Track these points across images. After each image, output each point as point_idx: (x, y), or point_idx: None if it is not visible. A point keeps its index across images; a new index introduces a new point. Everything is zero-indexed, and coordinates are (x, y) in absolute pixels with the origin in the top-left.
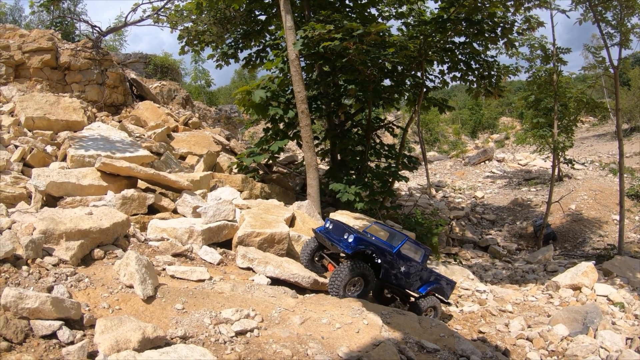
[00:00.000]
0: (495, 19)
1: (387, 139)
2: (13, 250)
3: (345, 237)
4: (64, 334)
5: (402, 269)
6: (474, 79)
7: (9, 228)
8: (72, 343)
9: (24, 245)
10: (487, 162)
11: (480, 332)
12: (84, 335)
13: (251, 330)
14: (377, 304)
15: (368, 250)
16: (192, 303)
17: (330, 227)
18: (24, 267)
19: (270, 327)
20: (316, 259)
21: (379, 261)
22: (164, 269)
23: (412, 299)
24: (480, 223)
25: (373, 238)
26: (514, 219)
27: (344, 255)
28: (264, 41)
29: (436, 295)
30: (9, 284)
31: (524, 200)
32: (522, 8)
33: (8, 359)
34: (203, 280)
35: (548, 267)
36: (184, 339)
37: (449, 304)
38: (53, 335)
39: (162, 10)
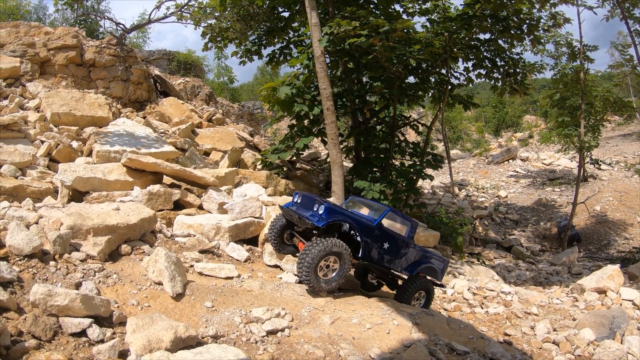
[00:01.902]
0: (521, 16)
1: (410, 136)
2: (40, 246)
3: (315, 208)
4: (94, 332)
5: (386, 245)
6: (499, 77)
7: (36, 223)
8: (102, 341)
9: (51, 240)
10: (510, 161)
11: (506, 334)
12: (114, 333)
13: (282, 330)
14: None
15: (343, 223)
16: (222, 301)
17: (299, 200)
18: (52, 263)
19: (301, 327)
20: (287, 238)
21: (358, 237)
22: (191, 266)
23: (400, 282)
24: (504, 223)
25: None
26: (538, 219)
27: (315, 231)
28: (287, 38)
29: (427, 277)
30: (36, 280)
31: (548, 201)
32: (548, 4)
33: (37, 358)
34: (231, 278)
35: (572, 270)
36: (215, 338)
37: (442, 286)
38: (82, 333)
39: (186, 7)
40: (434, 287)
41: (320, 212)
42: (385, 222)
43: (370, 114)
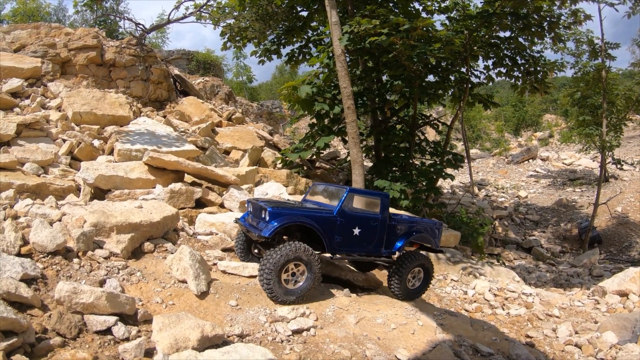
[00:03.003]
0: (542, 13)
1: (429, 135)
2: (64, 243)
3: (263, 215)
4: (119, 329)
5: (356, 231)
6: (520, 75)
7: (59, 220)
8: (127, 339)
9: (75, 237)
10: (530, 160)
11: (528, 336)
12: (139, 331)
13: (307, 329)
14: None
15: (295, 223)
16: (246, 300)
17: (251, 209)
18: (75, 260)
19: (326, 326)
20: (255, 250)
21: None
22: (214, 264)
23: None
24: (524, 223)
25: (307, 205)
26: (558, 220)
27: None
28: (306, 37)
29: (423, 244)
30: (60, 277)
31: (569, 201)
32: (569, 1)
33: (62, 355)
34: (255, 277)
35: (593, 272)
36: (241, 337)
37: (441, 251)
38: (108, 331)
39: (205, 7)
40: (435, 252)
41: (267, 218)
42: (351, 206)
43: (391, 112)
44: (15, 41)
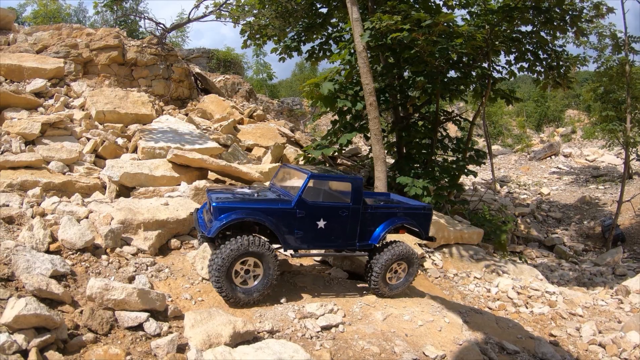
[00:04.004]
0: (564, 6)
1: (450, 131)
2: (92, 240)
3: (211, 210)
4: (151, 326)
5: (321, 224)
6: (542, 70)
7: (86, 217)
8: (158, 335)
9: (103, 234)
10: (553, 157)
11: (552, 335)
12: (170, 327)
13: (336, 326)
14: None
15: (242, 220)
16: (273, 295)
17: (207, 201)
18: (103, 257)
19: (354, 323)
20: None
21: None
22: None
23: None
24: (546, 221)
25: (268, 194)
26: (581, 217)
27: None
28: (326, 34)
29: (413, 229)
30: (89, 273)
31: (592, 199)
32: None
33: (95, 351)
34: (282, 273)
35: (617, 271)
36: (271, 333)
37: (431, 239)
38: (139, 327)
39: (224, 5)
40: (426, 240)
41: (212, 214)
42: (315, 194)
43: (413, 109)
44: (38, 42)
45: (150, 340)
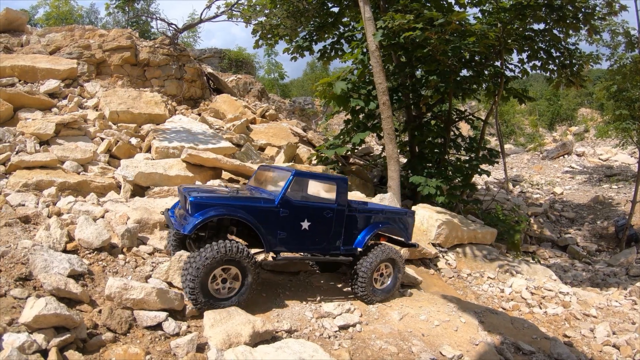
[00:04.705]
0: (576, 4)
1: (462, 130)
2: (109, 239)
3: (187, 207)
4: (170, 325)
5: (305, 225)
6: (555, 68)
7: (102, 217)
8: (177, 335)
9: (119, 234)
10: (566, 156)
11: (566, 335)
12: (189, 327)
13: (353, 325)
14: None
15: (223, 216)
16: (291, 295)
17: (181, 198)
18: (120, 256)
19: (371, 322)
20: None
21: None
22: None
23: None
24: (559, 221)
25: (247, 193)
26: (595, 217)
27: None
28: (337, 33)
29: (392, 237)
30: (106, 273)
31: (605, 198)
32: None
33: (115, 350)
34: (297, 273)
35: (630, 271)
36: (290, 333)
37: (413, 245)
38: (158, 326)
39: (236, 5)
40: (408, 247)
41: (189, 210)
42: (299, 193)
43: (425, 108)
44: (50, 44)
45: (169, 339)
